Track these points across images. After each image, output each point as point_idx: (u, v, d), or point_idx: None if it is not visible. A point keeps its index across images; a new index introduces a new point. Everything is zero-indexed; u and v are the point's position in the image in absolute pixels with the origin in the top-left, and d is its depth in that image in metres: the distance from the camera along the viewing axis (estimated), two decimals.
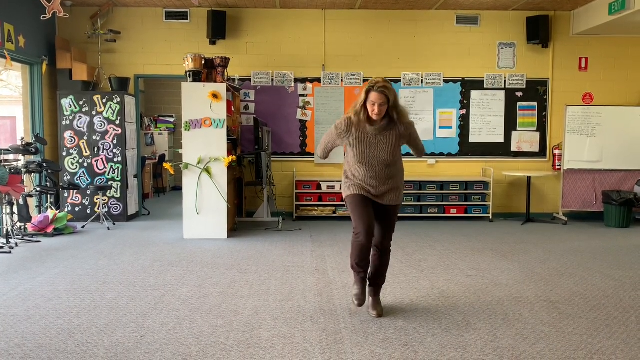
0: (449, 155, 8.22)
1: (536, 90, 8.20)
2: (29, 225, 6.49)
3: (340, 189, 4.00)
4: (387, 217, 3.69)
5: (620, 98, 8.20)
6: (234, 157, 6.53)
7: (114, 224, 7.31)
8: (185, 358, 2.98)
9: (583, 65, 8.19)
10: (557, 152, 8.10)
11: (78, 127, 7.44)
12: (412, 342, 3.24)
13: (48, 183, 6.99)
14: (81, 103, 7.43)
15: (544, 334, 3.38)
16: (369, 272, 3.75)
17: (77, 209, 7.49)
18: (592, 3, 7.50)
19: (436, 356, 3.02)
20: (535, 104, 8.22)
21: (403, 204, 7.92)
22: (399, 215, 3.82)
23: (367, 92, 3.41)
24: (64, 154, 7.45)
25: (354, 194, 3.59)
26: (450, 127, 8.20)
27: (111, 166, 7.50)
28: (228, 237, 6.48)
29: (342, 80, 8.10)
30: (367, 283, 3.79)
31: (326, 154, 3.80)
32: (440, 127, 8.20)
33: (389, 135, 3.50)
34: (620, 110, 7.84)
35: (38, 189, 6.75)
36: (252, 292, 4.24)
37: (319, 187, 7.88)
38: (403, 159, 3.75)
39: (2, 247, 5.67)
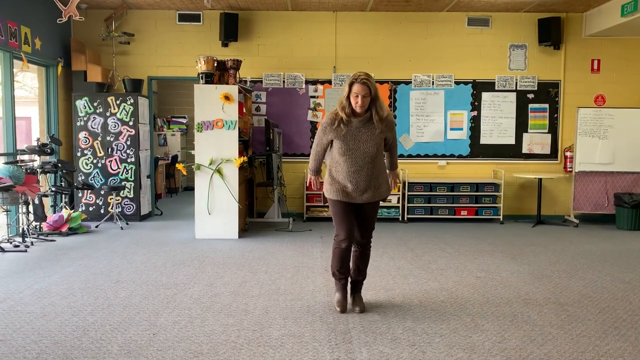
0: (460, 156, 8.22)
1: (547, 92, 8.18)
2: (44, 225, 6.60)
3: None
4: (366, 215, 3.80)
5: (633, 100, 8.15)
6: (245, 158, 6.60)
7: (127, 224, 7.41)
8: (197, 356, 3.04)
9: (595, 67, 8.16)
10: (568, 154, 8.08)
11: (92, 128, 7.55)
12: (420, 342, 3.27)
13: (63, 183, 7.10)
14: (95, 104, 7.54)
15: (552, 335, 3.39)
16: (351, 269, 3.90)
17: (91, 209, 7.60)
18: (604, 5, 7.47)
19: (444, 357, 3.05)
20: (546, 105, 8.19)
21: (413, 205, 7.98)
22: (410, 216, 3.89)
23: (350, 85, 3.56)
24: (79, 154, 7.56)
25: (335, 200, 3.72)
26: (461, 129, 8.20)
27: (124, 166, 7.60)
28: (239, 237, 6.54)
29: None
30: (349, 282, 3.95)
31: (318, 164, 3.88)
32: (451, 129, 8.20)
33: (372, 128, 3.62)
34: (633, 112, 7.79)
35: (53, 188, 6.86)
36: (263, 292, 4.29)
37: None
38: (412, 161, 3.81)
39: (18, 246, 5.78)
